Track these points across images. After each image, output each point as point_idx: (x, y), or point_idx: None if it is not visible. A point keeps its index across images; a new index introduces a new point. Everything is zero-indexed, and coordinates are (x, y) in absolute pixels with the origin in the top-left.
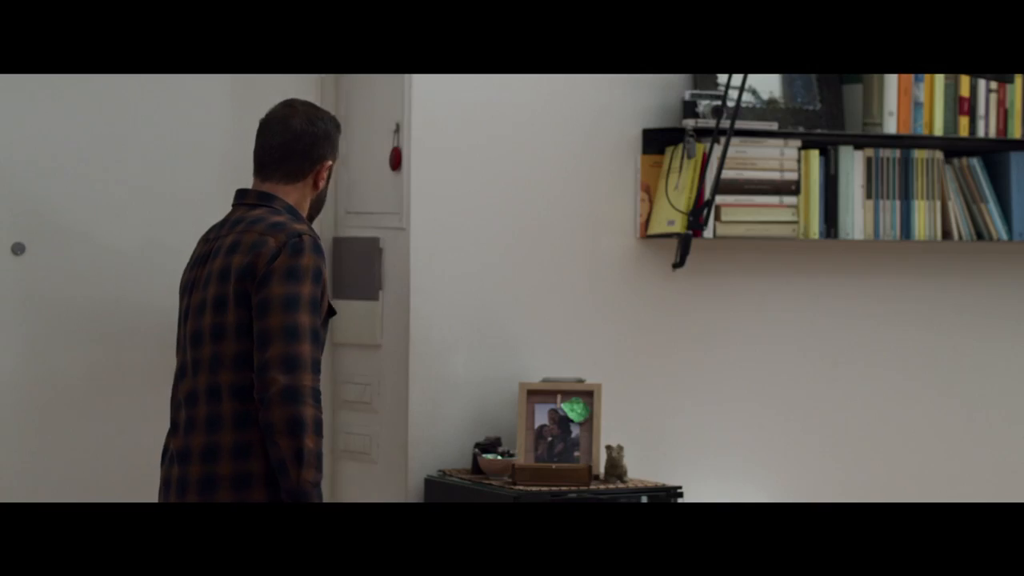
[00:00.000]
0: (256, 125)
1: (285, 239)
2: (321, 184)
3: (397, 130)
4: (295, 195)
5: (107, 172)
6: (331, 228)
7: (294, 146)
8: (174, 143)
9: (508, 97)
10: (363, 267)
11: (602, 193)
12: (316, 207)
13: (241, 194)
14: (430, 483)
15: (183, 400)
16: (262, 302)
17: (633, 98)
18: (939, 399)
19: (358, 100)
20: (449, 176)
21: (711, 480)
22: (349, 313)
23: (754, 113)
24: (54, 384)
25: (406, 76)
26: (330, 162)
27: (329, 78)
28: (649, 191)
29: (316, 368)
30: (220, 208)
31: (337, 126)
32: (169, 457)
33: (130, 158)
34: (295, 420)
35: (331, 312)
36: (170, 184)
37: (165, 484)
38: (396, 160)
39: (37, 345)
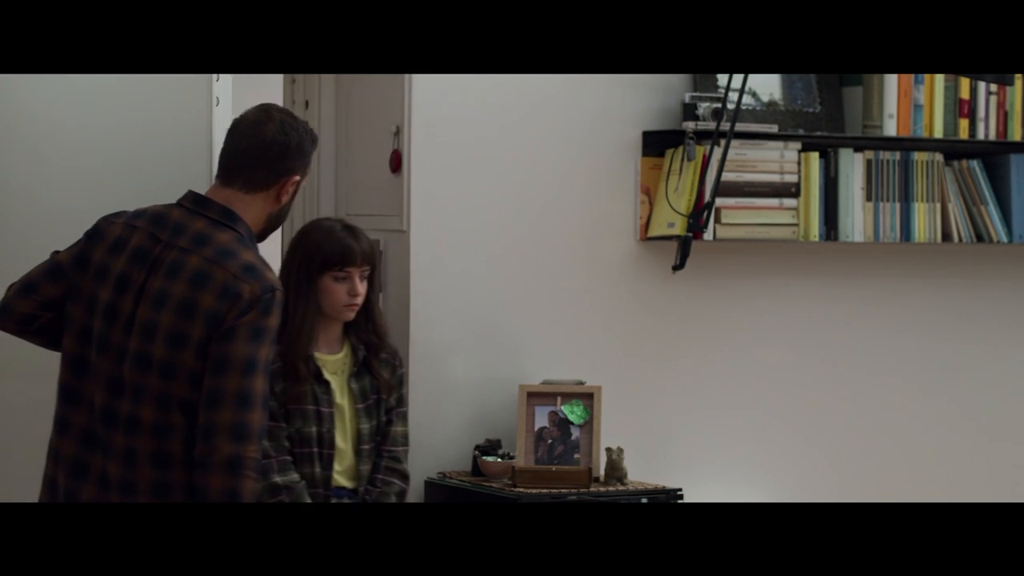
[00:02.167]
0: (218, 124)
1: (260, 292)
2: (284, 199)
3: (397, 132)
4: (254, 208)
5: (57, 170)
6: None
7: (262, 154)
8: (135, 140)
9: (508, 100)
10: None
11: (602, 195)
12: (274, 222)
13: (200, 201)
14: (430, 485)
15: (120, 421)
16: (221, 358)
17: (633, 100)
18: (939, 401)
19: (358, 102)
20: (449, 178)
21: (711, 482)
22: None
23: (754, 115)
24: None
25: (406, 78)
26: (298, 177)
27: (328, 79)
28: (649, 193)
29: (263, 436)
30: None
31: (313, 140)
32: (95, 480)
33: (86, 157)
34: (232, 493)
35: None
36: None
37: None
38: (396, 162)
39: None
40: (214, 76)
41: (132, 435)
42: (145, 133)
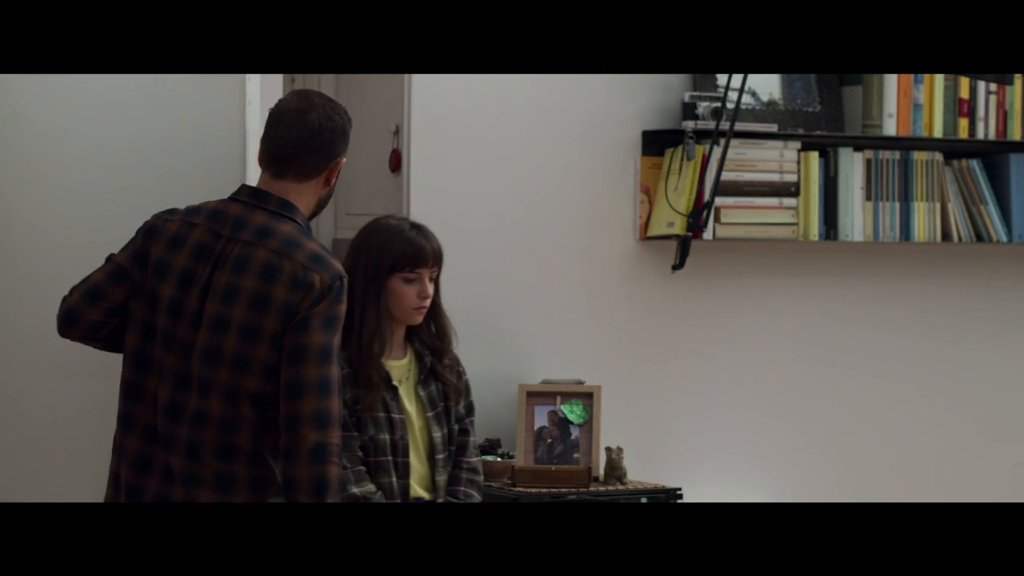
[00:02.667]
0: (250, 125)
1: (330, 281)
2: (333, 182)
3: (397, 132)
4: (307, 195)
5: (90, 176)
6: (331, 229)
7: (312, 142)
8: (168, 145)
9: (508, 99)
10: None
11: (602, 195)
12: (322, 205)
13: (257, 195)
14: None
15: (186, 415)
16: (298, 348)
17: (632, 100)
18: (938, 401)
19: (358, 102)
20: (449, 178)
21: (711, 482)
22: None
23: (754, 115)
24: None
25: (406, 78)
26: (344, 159)
27: (328, 79)
28: (649, 193)
29: (341, 421)
30: None
31: (350, 121)
32: (159, 473)
33: (118, 162)
34: (321, 481)
35: None
36: (164, 189)
37: (155, 498)
38: (396, 162)
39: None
40: (247, 77)
41: (198, 428)
42: (179, 138)
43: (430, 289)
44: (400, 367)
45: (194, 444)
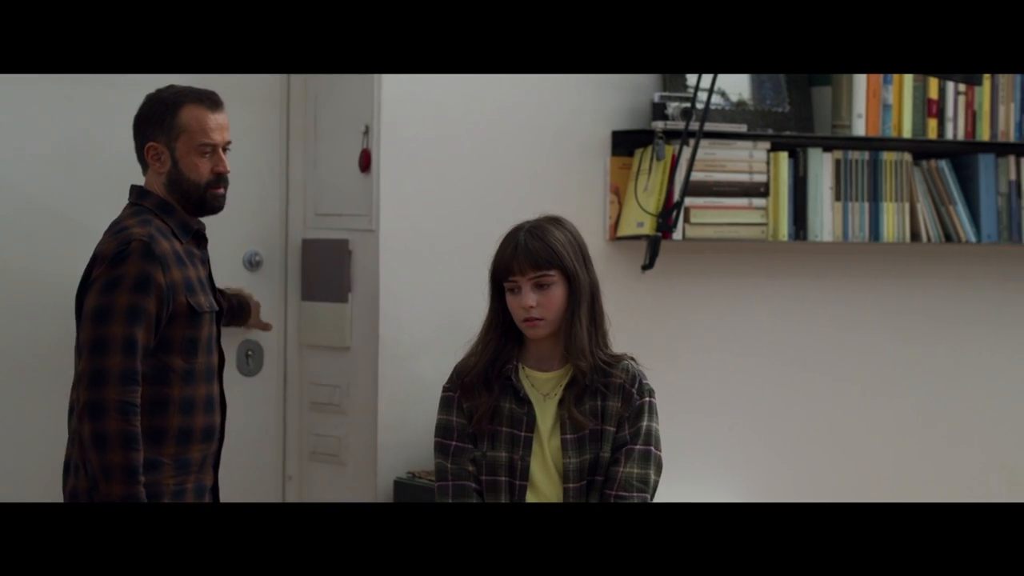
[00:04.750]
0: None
1: (116, 246)
2: (157, 167)
3: (366, 132)
4: (152, 182)
5: (78, 162)
6: (300, 230)
7: (133, 133)
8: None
9: (478, 99)
10: (332, 269)
11: (571, 195)
12: (180, 189)
13: (130, 191)
14: (399, 485)
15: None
16: (83, 315)
17: (602, 100)
18: (907, 400)
19: (327, 102)
20: (418, 178)
21: (682, 482)
22: (318, 315)
23: (723, 115)
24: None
25: (375, 77)
26: (153, 143)
27: (297, 78)
28: (618, 193)
29: (128, 379)
30: None
31: (167, 107)
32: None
33: (101, 153)
34: (98, 435)
35: (194, 311)
36: (135, 178)
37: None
38: (365, 162)
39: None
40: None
41: (69, 422)
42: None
43: (530, 299)
44: (547, 380)
45: (71, 435)
